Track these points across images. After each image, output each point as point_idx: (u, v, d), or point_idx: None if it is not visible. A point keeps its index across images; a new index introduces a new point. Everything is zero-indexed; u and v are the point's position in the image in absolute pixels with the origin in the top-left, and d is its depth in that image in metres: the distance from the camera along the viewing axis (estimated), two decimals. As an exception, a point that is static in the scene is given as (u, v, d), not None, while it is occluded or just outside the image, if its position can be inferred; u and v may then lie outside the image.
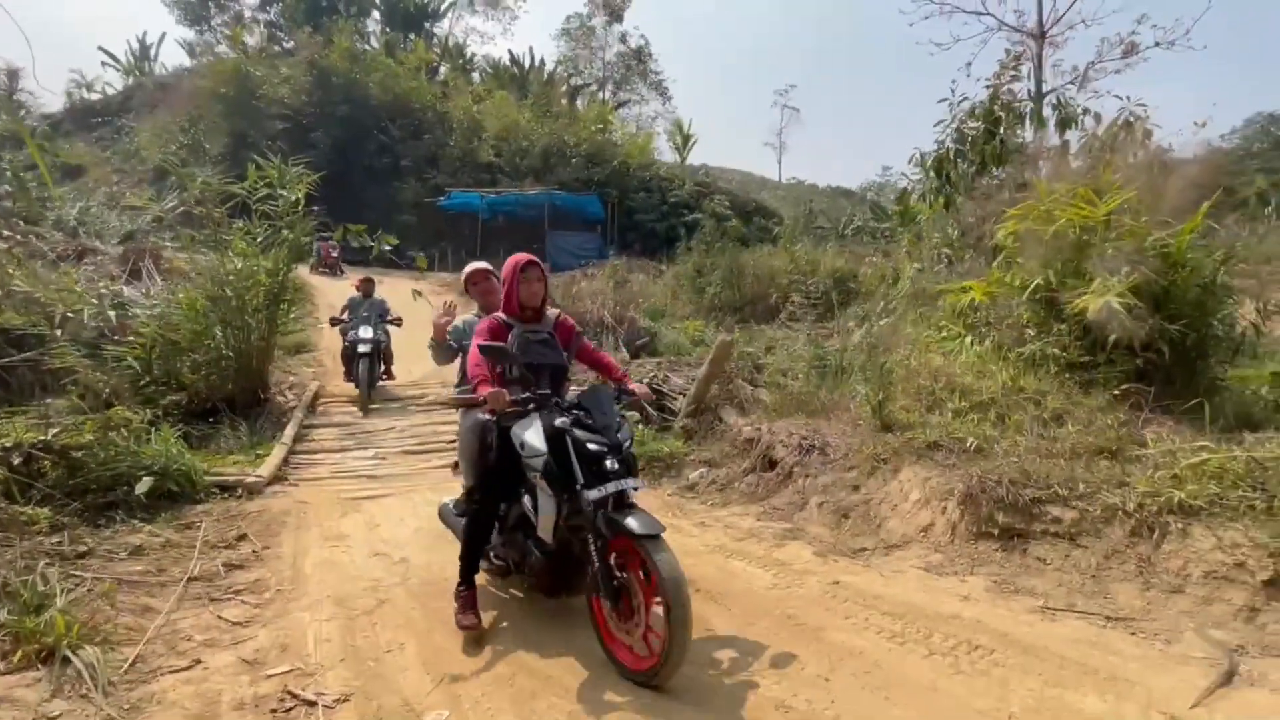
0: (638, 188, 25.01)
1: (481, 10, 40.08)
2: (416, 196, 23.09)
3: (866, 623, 2.89)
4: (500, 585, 3.43)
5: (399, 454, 6.26)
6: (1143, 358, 4.91)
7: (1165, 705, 2.18)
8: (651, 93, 39.49)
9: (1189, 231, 5.26)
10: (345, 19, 28.83)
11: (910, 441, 4.35)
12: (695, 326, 10.58)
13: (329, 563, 3.81)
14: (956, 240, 9.71)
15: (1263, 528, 2.74)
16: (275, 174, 7.55)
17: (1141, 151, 8.77)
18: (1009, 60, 12.76)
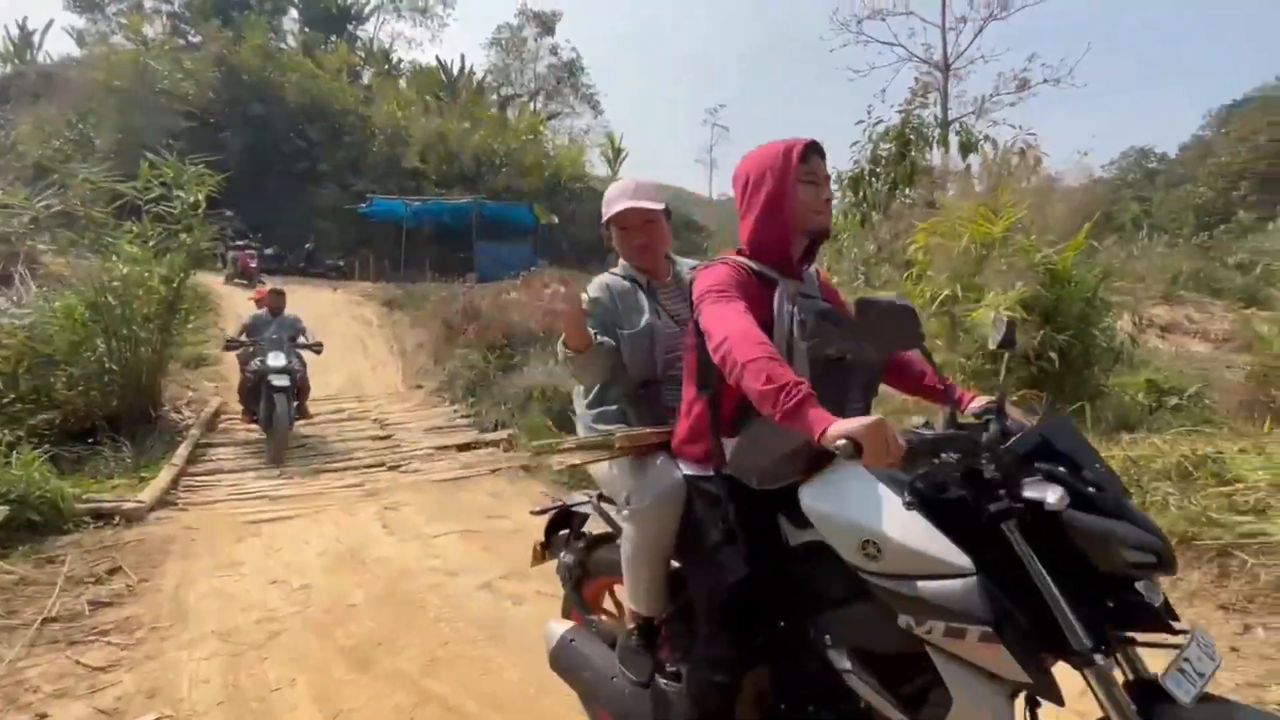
0: (570, 199, 24.92)
1: (409, 16, 39.12)
2: (336, 203, 22.06)
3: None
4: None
5: (308, 473, 5.87)
6: (1036, 366, 5.26)
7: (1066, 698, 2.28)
8: (583, 105, 39.63)
9: (1073, 250, 5.72)
10: (258, 15, 27.34)
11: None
12: (625, 338, 10.57)
13: (217, 593, 3.48)
14: (873, 255, 10.19)
15: (1138, 522, 2.95)
16: (172, 173, 6.98)
17: (1033, 177, 9.55)
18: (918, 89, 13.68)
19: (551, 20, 38.13)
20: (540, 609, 3.22)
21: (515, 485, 5.65)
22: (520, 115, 31.16)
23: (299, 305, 13.19)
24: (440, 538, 4.34)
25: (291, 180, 22.38)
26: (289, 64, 24.77)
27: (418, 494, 5.35)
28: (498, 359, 8.69)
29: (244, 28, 25.26)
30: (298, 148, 22.71)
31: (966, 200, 6.96)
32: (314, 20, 33.20)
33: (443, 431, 7.31)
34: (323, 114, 23.93)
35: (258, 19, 26.34)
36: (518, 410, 7.19)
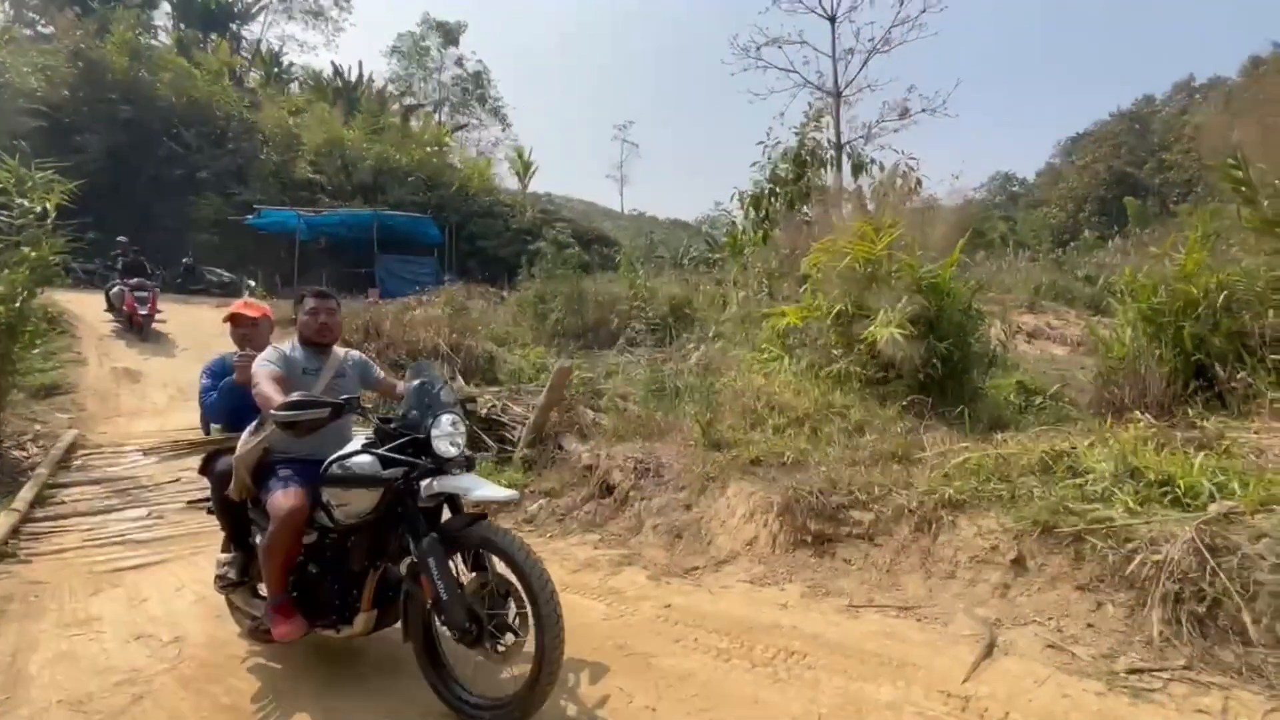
0: (479, 213, 24.38)
1: (301, 18, 37.07)
2: (219, 213, 20.35)
3: (695, 644, 2.92)
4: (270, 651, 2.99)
5: (183, 509, 5.30)
6: (923, 373, 5.67)
7: (943, 684, 2.45)
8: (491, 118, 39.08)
9: (950, 266, 6.25)
10: (125, 7, 24.87)
11: (736, 459, 4.58)
12: (537, 353, 10.42)
13: (67, 656, 3.06)
14: (775, 270, 10.66)
15: (1008, 514, 3.23)
16: (10, 178, 6.18)
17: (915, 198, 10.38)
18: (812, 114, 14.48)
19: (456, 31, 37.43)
20: (447, 642, 3.07)
21: (421, 511, 5.39)
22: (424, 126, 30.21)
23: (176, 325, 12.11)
24: (337, 573, 4.05)
25: (166, 188, 20.46)
26: (161, 62, 22.71)
27: (312, 527, 4.97)
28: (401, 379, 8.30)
29: (109, 20, 22.90)
30: (173, 153, 20.81)
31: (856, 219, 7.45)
32: (191, 17, 30.70)
33: (341, 458, 6.86)
34: (202, 118, 22.10)
35: (126, 11, 23.94)
36: (424, 432, 6.89)
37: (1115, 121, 38.63)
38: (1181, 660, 2.44)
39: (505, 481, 5.59)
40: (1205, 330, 4.89)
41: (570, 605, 3.44)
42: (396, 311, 11.03)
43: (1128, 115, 38.43)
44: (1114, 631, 2.66)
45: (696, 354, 9.15)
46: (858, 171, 13.71)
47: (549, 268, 14.03)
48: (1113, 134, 37.38)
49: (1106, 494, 3.12)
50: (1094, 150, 36.84)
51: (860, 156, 14.49)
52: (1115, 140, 36.57)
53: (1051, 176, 41.26)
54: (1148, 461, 3.23)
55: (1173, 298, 5.10)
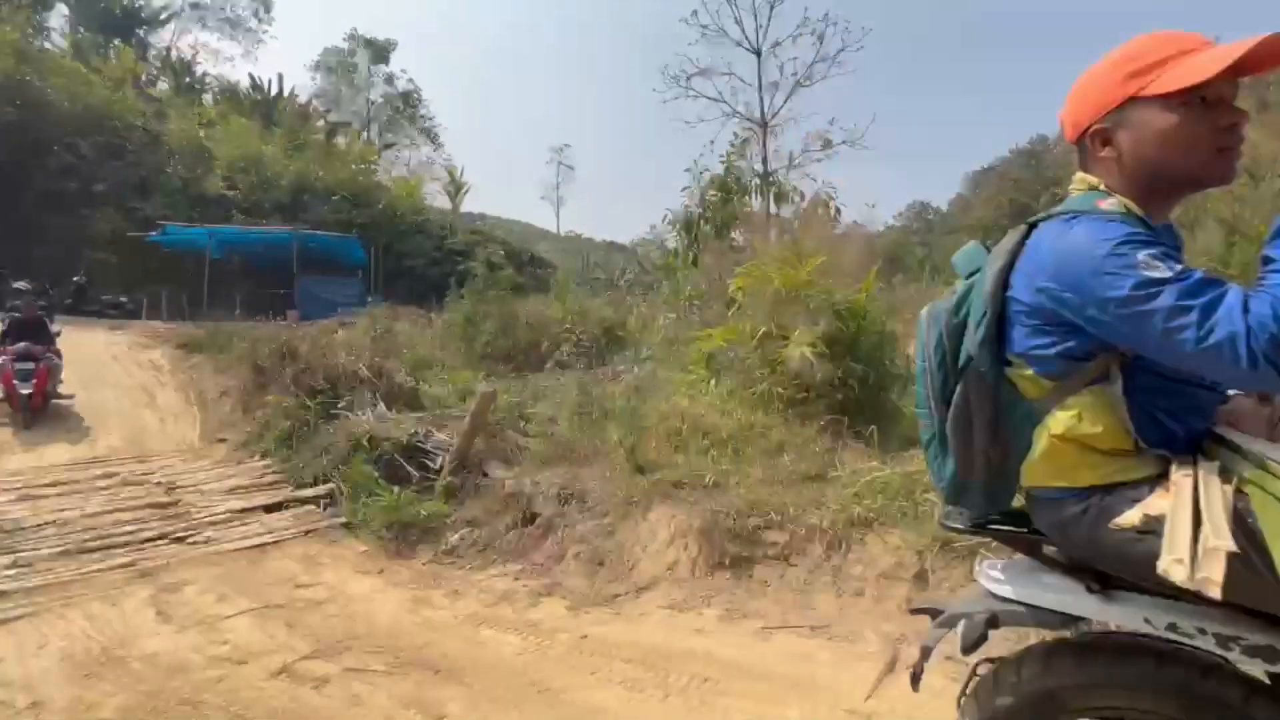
0: (408, 233, 23.77)
1: (217, 27, 35.44)
2: (117, 230, 18.93)
3: (610, 675, 2.87)
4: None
5: (56, 556, 4.81)
6: (841, 393, 5.89)
7: (848, 702, 2.50)
8: (422, 138, 38.41)
9: (866, 289, 6.56)
10: (14, 7, 23.04)
11: (659, 482, 4.59)
12: (465, 377, 10.17)
13: (-105, 734, 2.68)
14: (703, 293, 10.88)
15: (912, 530, 3.38)
16: None
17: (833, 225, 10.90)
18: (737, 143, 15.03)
19: (385, 48, 36.76)
20: (347, 691, 2.89)
21: (333, 547, 5.11)
22: (351, 144, 29.33)
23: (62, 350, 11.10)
24: (232, 619, 3.76)
25: (56, 201, 18.89)
26: (54, 67, 21.12)
27: (209, 568, 4.62)
28: (319, 405, 7.88)
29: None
30: (65, 164, 19.28)
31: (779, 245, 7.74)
32: (90, 21, 28.79)
33: (247, 491, 6.42)
34: (99, 127, 20.62)
35: (13, 11, 22.18)
36: (342, 462, 6.55)
37: (1014, 158, 42.07)
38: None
39: (425, 512, 5.39)
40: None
41: (484, 641, 3.34)
42: (316, 334, 10.51)
43: (1024, 152, 41.94)
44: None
45: (627, 376, 9.19)
46: (781, 199, 14.28)
47: (480, 289, 13.79)
48: (1011, 169, 40.68)
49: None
50: (996, 183, 39.94)
51: (783, 185, 15.11)
52: (1014, 175, 39.79)
53: (962, 206, 44.38)
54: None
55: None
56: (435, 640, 3.38)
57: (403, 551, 5.04)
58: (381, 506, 5.57)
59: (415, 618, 3.75)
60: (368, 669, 3.08)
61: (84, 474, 6.86)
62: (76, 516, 5.64)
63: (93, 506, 5.87)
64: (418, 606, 3.92)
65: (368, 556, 4.94)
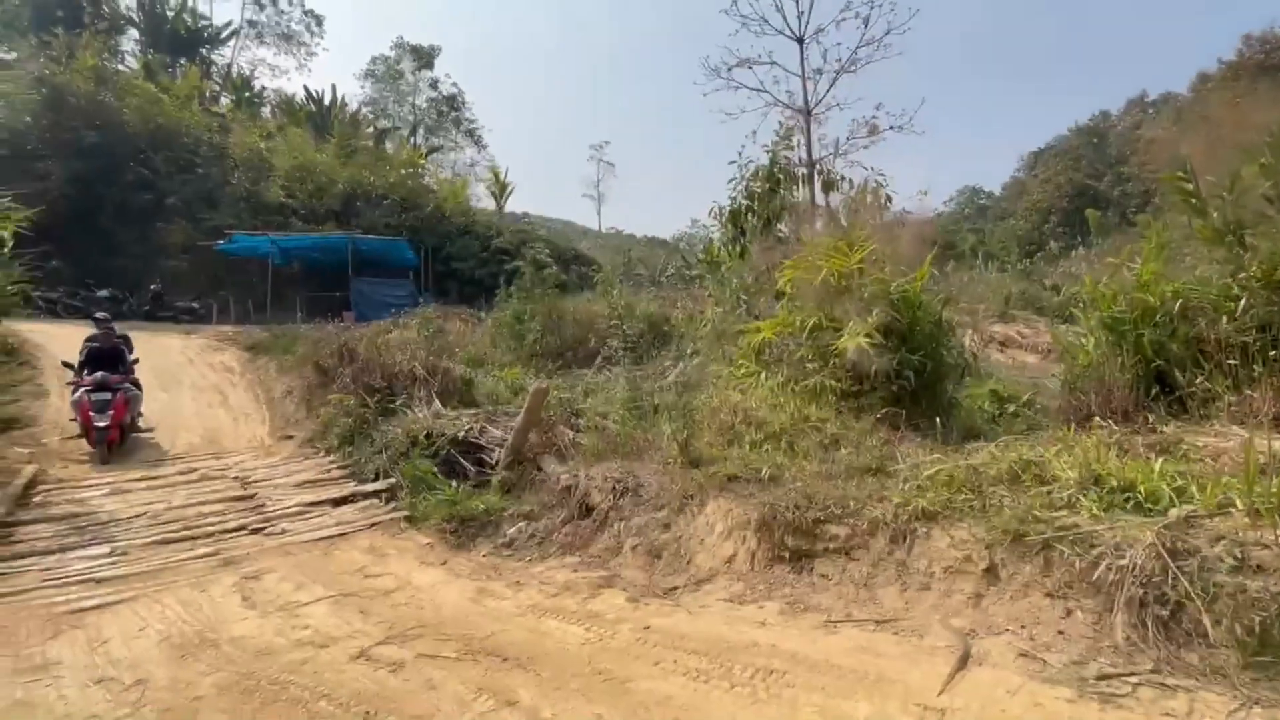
0: (455, 234, 24.30)
1: (273, 42, 37.00)
2: (188, 239, 20.01)
3: (675, 665, 2.90)
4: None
5: (148, 545, 5.15)
6: (897, 384, 5.75)
7: (919, 697, 2.46)
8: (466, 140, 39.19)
9: (921, 278, 6.37)
10: (92, 33, 24.57)
11: (714, 475, 4.59)
12: (515, 374, 10.37)
13: (22, 705, 2.93)
14: (751, 285, 10.78)
15: (979, 524, 3.28)
16: (-34, 208, 6.04)
17: (885, 213, 10.61)
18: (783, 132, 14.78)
19: (430, 54, 37.61)
20: (422, 675, 3.02)
21: (397, 540, 5.31)
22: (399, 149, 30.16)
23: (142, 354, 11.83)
24: (310, 606, 3.96)
25: (133, 215, 20.10)
26: (128, 87, 22.42)
27: (286, 558, 4.87)
28: (378, 403, 8.18)
29: (74, 46, 22.59)
30: (140, 179, 20.48)
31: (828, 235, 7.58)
32: (160, 42, 30.44)
33: (316, 485, 6.72)
34: (170, 143, 21.81)
35: (92, 37, 23.65)
36: (401, 457, 6.79)
37: (1074, 136, 40.03)
38: (1149, 664, 2.49)
39: (483, 505, 5.54)
40: (1164, 337, 5.04)
41: (548, 630, 3.42)
42: (372, 335, 10.89)
43: (1085, 130, 39.86)
44: (1083, 637, 2.70)
45: (675, 371, 9.19)
46: (829, 188, 13.98)
47: (526, 287, 14.03)
48: (1072, 148, 38.73)
49: (1072, 501, 3.19)
50: (1055, 164, 38.09)
51: (831, 174, 14.79)
52: (1075, 154, 37.88)
53: (1017, 189, 42.51)
54: (1110, 468, 3.31)
55: (1132, 306, 5.26)
56: (501, 629, 3.48)
57: (463, 544, 5.19)
58: (440, 500, 5.76)
59: (479, 607, 3.87)
60: (439, 655, 3.20)
61: (168, 469, 7.31)
62: (163, 509, 6.02)
63: (178, 500, 6.26)
64: (481, 597, 4.04)
65: (430, 548, 5.11)
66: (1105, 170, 35.65)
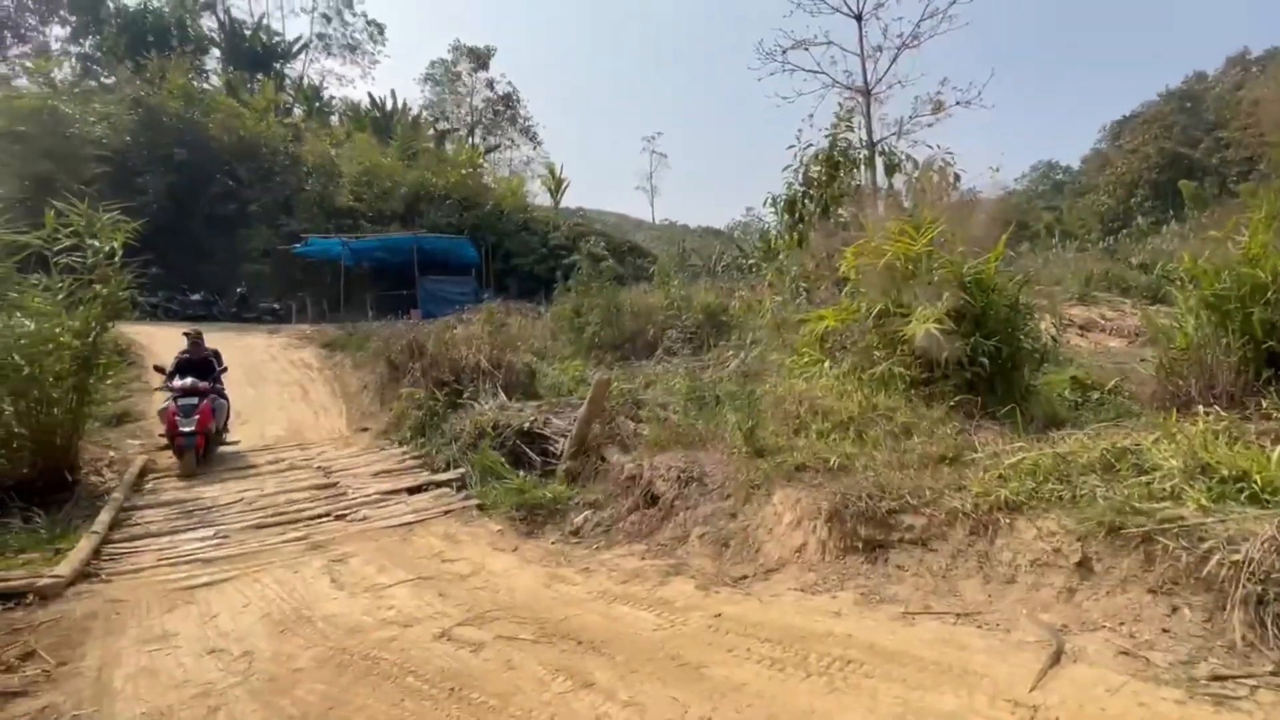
0: (514, 231, 24.83)
1: (339, 53, 38.72)
2: (268, 244, 21.30)
3: (748, 653, 2.90)
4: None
5: (246, 529, 5.54)
6: (970, 371, 5.51)
7: (1009, 692, 2.36)
8: (522, 137, 39.88)
9: (995, 260, 6.07)
10: (180, 55, 26.39)
11: (780, 465, 4.53)
12: (576, 367, 10.54)
13: (147, 671, 3.22)
14: (811, 273, 10.53)
15: (1070, 515, 3.11)
16: (82, 220, 6.61)
17: (953, 193, 10.13)
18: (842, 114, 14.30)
19: (485, 55, 38.43)
20: (501, 656, 3.13)
21: (469, 527, 5.50)
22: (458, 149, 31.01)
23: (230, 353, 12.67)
24: (393, 588, 4.17)
25: (220, 223, 21.53)
26: (213, 104, 23.98)
27: (367, 543, 5.13)
28: (446, 396, 8.49)
29: (165, 68, 24.34)
30: (226, 189, 21.89)
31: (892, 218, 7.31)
32: (239, 59, 32.37)
33: (392, 475, 7.06)
34: (251, 154, 23.19)
35: (180, 59, 25.41)
36: (469, 448, 7.03)
37: (1164, 101, 36.96)
38: (1269, 665, 2.30)
39: (550, 494, 5.67)
40: (1276, 316, 4.62)
41: (620, 616, 3.47)
42: (438, 331, 11.29)
43: (1177, 94, 36.74)
44: (1192, 636, 2.53)
45: (735, 361, 9.11)
46: (892, 170, 13.45)
47: (584, 281, 14.19)
48: (1162, 114, 35.75)
49: (1176, 492, 2.97)
50: (1143, 132, 35.30)
51: (894, 154, 14.23)
52: (1166, 121, 34.96)
53: (1098, 162, 39.70)
54: (1219, 456, 3.06)
55: (1238, 283, 4.84)
56: (573, 614, 3.56)
57: (532, 531, 5.33)
58: (509, 489, 5.93)
59: (552, 592, 3.97)
60: (516, 637, 3.31)
61: (259, 459, 7.84)
62: (257, 496, 6.46)
63: (269, 487, 6.70)
64: (553, 582, 4.14)
65: (501, 535, 5.27)
66: (1201, 136, 32.78)
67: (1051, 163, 46.27)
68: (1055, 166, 45.98)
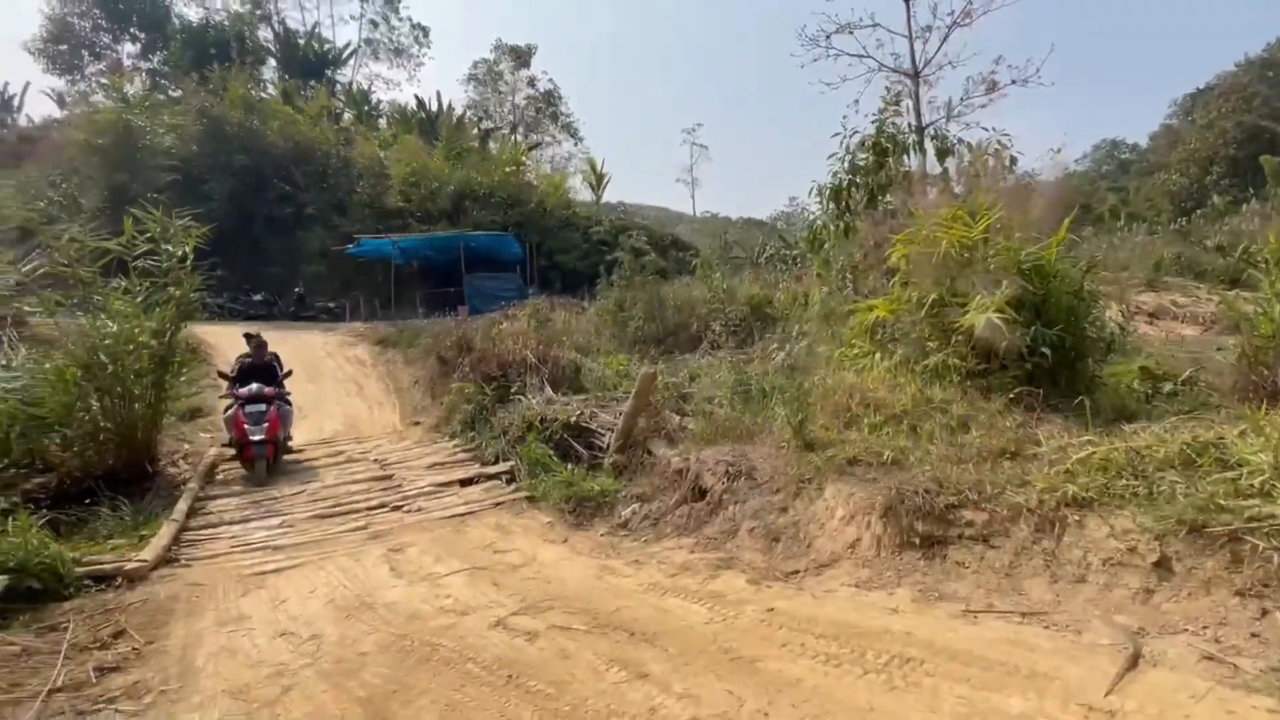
0: (557, 227, 25.07)
1: (386, 57, 39.76)
2: (324, 245, 22.11)
3: (802, 648, 2.87)
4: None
5: (309, 519, 5.80)
6: (1030, 362, 5.29)
7: (1082, 696, 2.27)
8: (563, 134, 40.17)
9: (1056, 245, 5.79)
10: (239, 66, 27.63)
11: (831, 459, 4.46)
12: (620, 361, 10.57)
13: (225, 651, 3.42)
14: (859, 263, 10.27)
15: (1147, 513, 2.95)
16: (157, 227, 7.01)
17: (1010, 176, 9.70)
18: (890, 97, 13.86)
19: (527, 54, 38.81)
20: (556, 645, 3.18)
21: (520, 518, 5.61)
22: (501, 147, 31.48)
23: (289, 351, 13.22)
24: (449, 577, 4.29)
25: (278, 225, 22.47)
26: (271, 112, 25.00)
27: (423, 533, 5.30)
28: (494, 391, 8.66)
29: (226, 79, 25.52)
30: (283, 193, 22.82)
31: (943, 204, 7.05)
32: (293, 67, 33.64)
33: (444, 467, 7.25)
34: (306, 158, 24.09)
35: (239, 70, 26.60)
36: (517, 441, 7.16)
37: (1243, 71, 34.42)
38: (1374, 676, 2.14)
39: (598, 487, 5.73)
40: (1377, 299, 4.27)
41: (671, 608, 3.48)
42: (485, 327, 11.52)
43: (1258, 63, 34.15)
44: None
45: (781, 354, 8.97)
46: (943, 154, 12.98)
47: (627, 276, 14.22)
48: (1241, 85, 33.31)
49: (1266, 488, 2.79)
50: (1220, 105, 32.98)
51: (945, 138, 13.72)
52: (1245, 92, 32.57)
53: (1169, 139, 37.31)
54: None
55: (1334, 264, 4.50)
56: (624, 605, 3.59)
57: (581, 523, 5.40)
58: (557, 481, 6.01)
59: (603, 584, 4.02)
60: (569, 627, 3.36)
61: (319, 452, 8.17)
62: (319, 487, 6.74)
63: (330, 479, 6.98)
64: (603, 574, 4.19)
65: (551, 527, 5.36)
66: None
67: (1116, 141, 43.84)
68: (1120, 145, 43.54)
